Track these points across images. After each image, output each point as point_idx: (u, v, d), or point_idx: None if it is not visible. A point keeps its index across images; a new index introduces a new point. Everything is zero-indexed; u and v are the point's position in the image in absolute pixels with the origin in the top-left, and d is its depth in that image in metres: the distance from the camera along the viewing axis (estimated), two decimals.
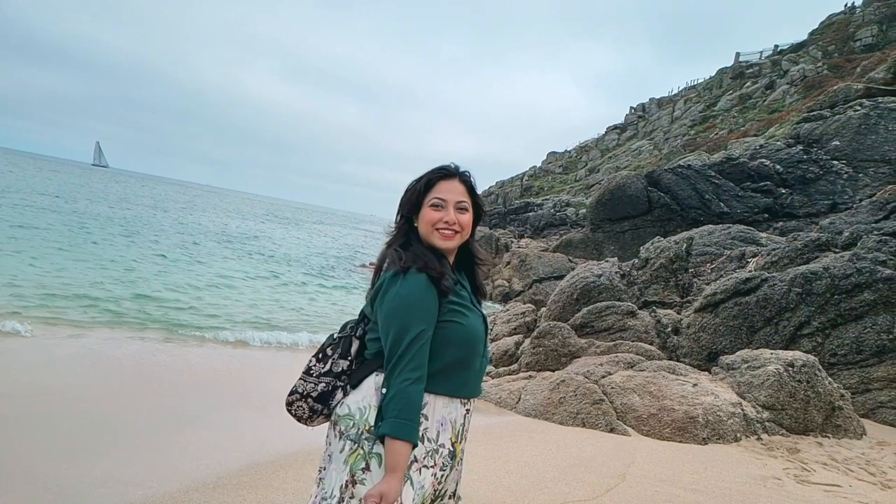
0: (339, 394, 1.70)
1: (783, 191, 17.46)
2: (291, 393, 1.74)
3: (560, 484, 3.85)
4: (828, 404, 5.62)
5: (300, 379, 1.74)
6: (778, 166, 17.93)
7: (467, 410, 1.75)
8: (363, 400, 1.62)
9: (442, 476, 1.68)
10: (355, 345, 1.76)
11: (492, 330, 9.06)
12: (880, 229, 8.01)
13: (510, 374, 7.13)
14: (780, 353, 5.94)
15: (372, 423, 1.58)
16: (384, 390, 1.55)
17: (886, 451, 5.29)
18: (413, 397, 1.54)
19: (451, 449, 1.69)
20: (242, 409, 5.09)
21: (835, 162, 17.08)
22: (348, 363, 1.73)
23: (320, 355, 1.75)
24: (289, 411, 1.76)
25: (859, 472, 4.68)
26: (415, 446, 1.55)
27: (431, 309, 1.60)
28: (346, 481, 1.57)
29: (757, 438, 5.24)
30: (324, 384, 1.70)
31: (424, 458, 1.62)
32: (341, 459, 1.60)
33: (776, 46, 44.89)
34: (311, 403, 1.71)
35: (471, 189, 1.76)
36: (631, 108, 59.34)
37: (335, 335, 1.79)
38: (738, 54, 46.96)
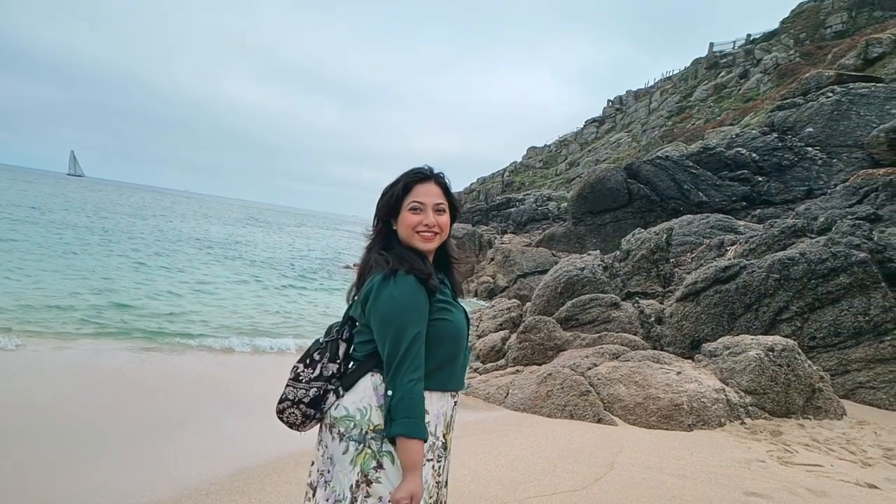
0: (332, 397, 1.73)
1: (760, 178, 17.71)
2: (282, 401, 1.75)
3: (550, 475, 3.91)
4: (808, 387, 5.75)
5: (289, 386, 1.75)
6: (754, 154, 18.18)
7: (455, 402, 1.82)
8: (361, 401, 1.66)
9: (439, 467, 1.73)
10: (342, 348, 1.78)
11: (478, 326, 9.11)
12: (854, 214, 8.19)
13: (498, 370, 7.19)
14: (761, 339, 6.06)
15: (375, 423, 1.62)
16: (390, 393, 1.58)
17: (866, 430, 5.43)
18: (418, 397, 1.59)
19: (444, 441, 1.75)
20: (231, 415, 5.09)
21: (809, 148, 17.35)
22: (337, 366, 1.75)
23: (308, 361, 1.77)
24: (280, 419, 1.78)
25: (840, 451, 4.81)
26: (424, 441, 1.60)
27: (423, 309, 1.64)
28: (357, 481, 1.60)
29: (741, 423, 5.35)
30: (315, 389, 1.72)
31: (427, 452, 1.66)
32: (346, 460, 1.63)
33: (749, 36, 45.47)
34: (304, 409, 1.72)
35: (446, 190, 1.80)
36: (608, 100, 59.75)
37: (322, 340, 1.81)
38: (711, 44, 47.51)
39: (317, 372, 1.74)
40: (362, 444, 1.62)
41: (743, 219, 15.05)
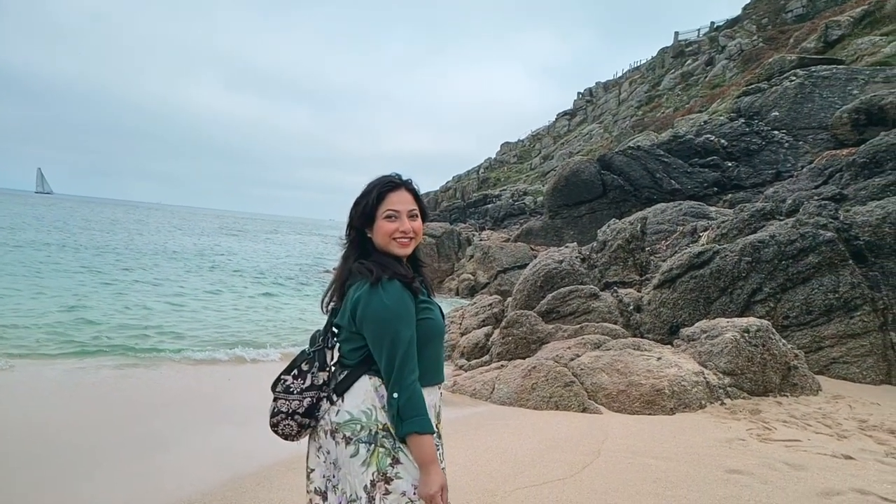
0: (325, 404, 1.78)
1: (729, 164, 18.06)
2: (275, 414, 1.78)
3: (539, 466, 3.99)
4: (784, 365, 5.92)
5: (280, 399, 1.79)
6: (723, 140, 18.54)
7: (441, 393, 1.91)
8: (364, 403, 1.71)
9: (440, 455, 1.81)
10: (329, 355, 1.84)
11: (461, 324, 9.18)
12: (819, 194, 8.42)
13: (483, 366, 7.27)
14: (736, 321, 6.22)
15: (383, 422, 1.68)
16: (396, 395, 1.64)
17: (841, 404, 5.60)
18: (420, 395, 1.67)
19: (437, 430, 1.83)
20: (219, 425, 5.10)
21: (775, 132, 17.74)
22: (327, 374, 1.80)
23: (295, 372, 1.81)
24: (275, 432, 1.81)
25: (817, 425, 4.96)
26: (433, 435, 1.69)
27: (412, 312, 1.72)
28: (372, 480, 1.66)
29: (720, 403, 5.49)
30: (309, 398, 1.77)
31: None
32: (357, 462, 1.68)
33: (712, 23, 46.14)
34: (300, 419, 1.77)
35: (416, 196, 1.86)
36: (579, 93, 60.20)
37: (308, 350, 1.85)
38: (676, 33, 48.15)
39: (308, 382, 1.78)
40: (374, 444, 1.68)
41: (715, 204, 15.35)
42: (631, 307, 7.68)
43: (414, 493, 1.67)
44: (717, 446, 4.38)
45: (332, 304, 1.90)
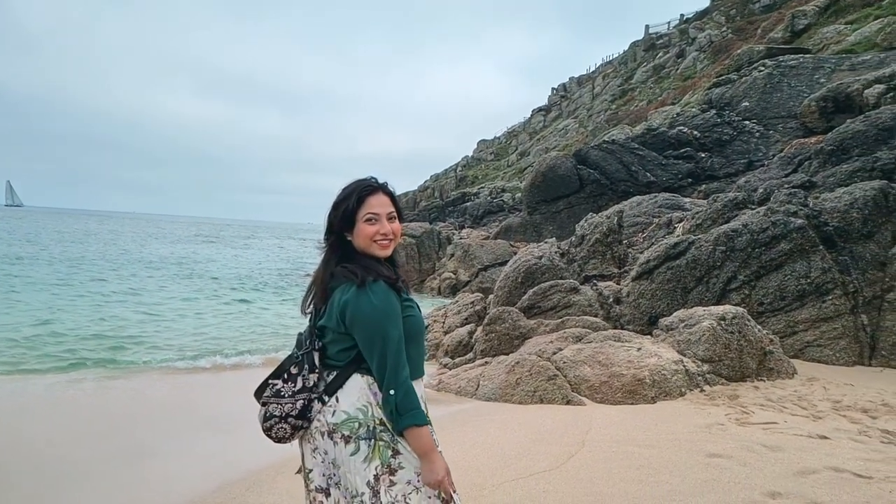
0: (316, 405, 1.81)
1: (703, 155, 18.32)
2: (268, 418, 1.81)
3: (525, 458, 4.06)
4: (760, 350, 6.07)
5: (272, 403, 1.81)
6: (695, 132, 18.80)
7: (423, 385, 1.97)
8: (359, 401, 1.77)
9: (435, 440, 1.87)
10: (317, 357, 1.86)
11: (444, 323, 9.23)
12: (790, 182, 8.61)
13: (467, 363, 7.33)
14: (713, 309, 6.36)
15: (379, 417, 1.75)
16: (392, 392, 1.71)
17: (816, 386, 5.76)
18: (413, 389, 1.75)
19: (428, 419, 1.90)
20: (204, 433, 5.09)
21: (746, 122, 18.03)
22: (317, 376, 1.83)
23: (285, 376, 1.83)
24: (269, 436, 1.83)
25: (793, 408, 5.11)
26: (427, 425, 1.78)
27: (399, 311, 1.78)
28: (376, 475, 1.72)
29: (700, 390, 5.62)
30: (301, 400, 1.80)
31: None
32: (358, 459, 1.73)
33: (682, 15, 46.71)
34: (293, 422, 1.79)
35: (393, 198, 1.92)
36: (553, 88, 60.53)
37: (297, 353, 1.87)
38: (647, 27, 48.68)
39: (299, 385, 1.81)
40: (373, 440, 1.74)
41: (690, 195, 15.58)
42: (610, 299, 7.79)
43: (418, 481, 1.74)
44: (697, 432, 4.48)
45: (312, 307, 1.93)
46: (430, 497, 1.76)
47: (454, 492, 1.80)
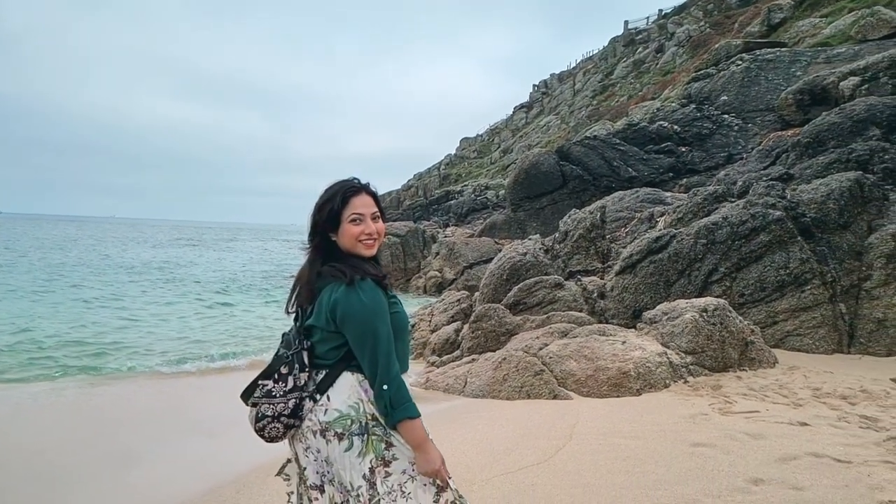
0: (308, 403, 1.83)
1: (683, 149, 18.52)
2: (261, 418, 1.82)
3: (513, 453, 4.11)
4: (741, 341, 6.17)
5: (263, 404, 1.82)
6: (676, 126, 18.99)
7: (410, 383, 2.01)
8: (350, 398, 1.80)
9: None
10: (305, 356, 1.88)
11: (430, 321, 9.26)
12: (768, 175, 8.74)
13: (454, 361, 7.36)
14: (695, 301, 6.46)
15: (371, 412, 1.79)
16: (385, 387, 1.75)
17: (796, 375, 5.88)
18: (404, 384, 1.80)
19: None
20: (192, 436, 5.08)
21: (725, 116, 18.25)
22: (307, 374, 1.85)
23: (276, 376, 1.85)
24: (261, 436, 1.86)
25: (774, 396, 5.21)
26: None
27: (387, 308, 1.83)
28: (371, 468, 1.76)
29: (684, 381, 5.71)
30: (294, 400, 1.82)
31: None
32: (353, 455, 1.77)
33: (661, 11, 47.07)
34: (286, 421, 1.82)
35: (376, 198, 1.96)
36: (534, 85, 60.73)
37: (287, 354, 1.88)
38: (626, 22, 48.97)
39: (290, 384, 1.83)
40: (366, 434, 1.78)
41: (671, 189, 15.73)
42: (595, 294, 7.87)
43: (413, 470, 1.79)
44: (681, 422, 4.56)
45: (296, 306, 1.95)
46: (425, 485, 1.80)
47: (450, 478, 1.85)
